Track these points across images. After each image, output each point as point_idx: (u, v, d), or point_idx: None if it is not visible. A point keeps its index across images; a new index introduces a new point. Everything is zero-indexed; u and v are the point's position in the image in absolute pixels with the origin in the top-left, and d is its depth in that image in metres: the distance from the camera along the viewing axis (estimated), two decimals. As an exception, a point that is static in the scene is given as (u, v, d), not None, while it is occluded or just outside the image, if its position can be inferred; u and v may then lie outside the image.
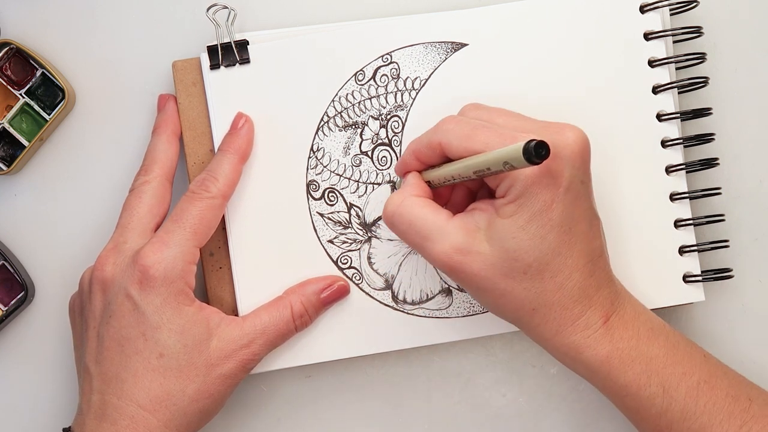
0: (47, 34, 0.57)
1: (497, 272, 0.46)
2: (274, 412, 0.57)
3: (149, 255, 0.49)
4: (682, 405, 0.47)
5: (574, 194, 0.45)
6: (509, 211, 0.45)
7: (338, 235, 0.54)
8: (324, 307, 0.53)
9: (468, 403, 0.57)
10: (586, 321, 0.47)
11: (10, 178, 0.57)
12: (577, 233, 0.46)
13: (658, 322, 0.49)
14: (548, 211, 0.45)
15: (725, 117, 0.57)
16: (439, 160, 0.48)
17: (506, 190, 0.45)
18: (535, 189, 0.45)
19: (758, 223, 0.57)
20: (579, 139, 0.46)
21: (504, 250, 0.45)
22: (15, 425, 0.57)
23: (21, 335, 0.57)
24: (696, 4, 0.54)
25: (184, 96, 0.54)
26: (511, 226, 0.45)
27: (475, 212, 0.47)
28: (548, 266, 0.45)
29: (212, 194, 0.51)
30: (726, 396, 0.47)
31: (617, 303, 0.48)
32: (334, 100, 0.54)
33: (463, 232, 0.46)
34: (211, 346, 0.50)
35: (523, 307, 0.46)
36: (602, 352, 0.47)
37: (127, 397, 0.48)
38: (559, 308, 0.46)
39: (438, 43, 0.54)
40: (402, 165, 0.51)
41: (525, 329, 0.48)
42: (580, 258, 0.46)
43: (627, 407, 0.48)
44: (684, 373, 0.47)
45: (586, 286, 0.46)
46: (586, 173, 0.47)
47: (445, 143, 0.47)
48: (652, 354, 0.47)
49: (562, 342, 0.47)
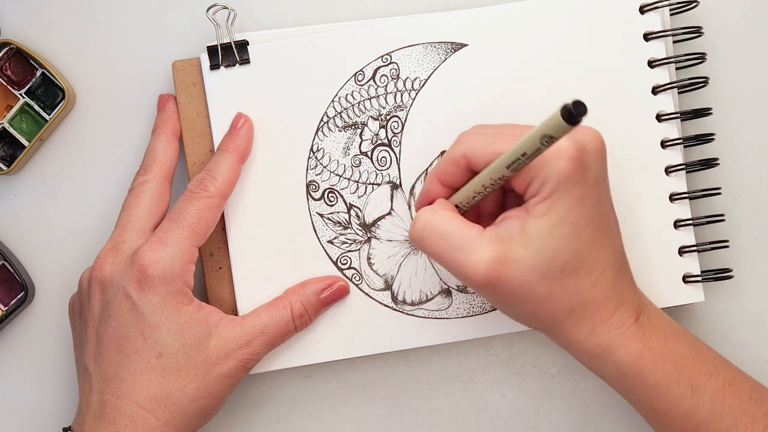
0: (47, 34, 0.57)
1: (535, 276, 0.45)
2: (274, 412, 0.57)
3: (147, 254, 0.49)
4: (709, 406, 0.47)
5: (600, 190, 0.45)
6: (543, 209, 0.44)
7: (338, 235, 0.54)
8: (324, 307, 0.53)
9: (468, 403, 0.57)
10: (619, 318, 0.46)
11: (10, 178, 0.57)
12: (605, 229, 0.46)
13: (680, 326, 0.49)
14: (581, 206, 0.44)
15: (725, 117, 0.57)
16: (464, 177, 0.48)
17: (539, 188, 0.45)
18: (569, 183, 0.44)
19: (758, 223, 0.57)
20: (598, 137, 0.46)
21: (542, 249, 0.44)
22: (15, 425, 0.57)
23: (21, 335, 0.57)
24: (696, 4, 0.54)
25: (183, 96, 0.54)
26: (547, 224, 0.44)
27: (506, 221, 0.46)
28: (584, 263, 0.45)
29: (210, 193, 0.51)
30: (750, 399, 0.47)
31: (643, 303, 0.48)
32: (334, 101, 0.54)
33: (498, 242, 0.45)
34: (211, 345, 0.50)
35: (561, 308, 0.46)
36: (634, 351, 0.46)
37: (126, 396, 0.49)
38: (594, 306, 0.46)
39: (438, 43, 0.54)
40: (424, 195, 0.50)
41: (558, 334, 0.47)
42: (610, 254, 0.46)
43: (654, 409, 0.48)
44: (710, 373, 0.47)
45: (618, 283, 0.46)
46: (606, 171, 0.47)
47: (468, 153, 0.46)
48: (680, 353, 0.47)
49: (596, 342, 0.46)
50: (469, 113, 0.54)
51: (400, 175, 0.54)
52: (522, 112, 0.53)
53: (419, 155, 0.54)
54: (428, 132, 0.54)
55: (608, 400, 0.57)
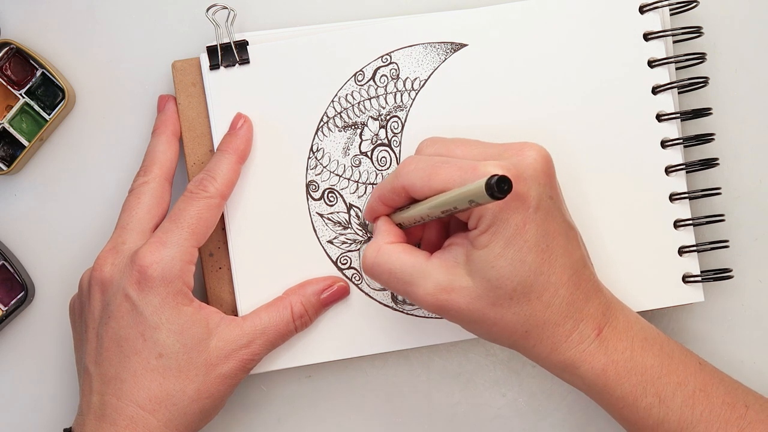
0: (47, 34, 0.57)
1: (484, 303, 0.46)
2: (274, 412, 0.57)
3: (147, 255, 0.49)
4: (678, 415, 0.47)
5: (545, 212, 0.45)
6: (484, 241, 0.45)
7: (338, 235, 0.54)
8: (324, 307, 0.53)
9: (468, 403, 0.57)
10: (579, 335, 0.46)
11: (10, 178, 0.57)
12: (555, 249, 0.46)
13: (652, 331, 0.49)
14: (522, 234, 0.45)
15: (725, 117, 0.57)
16: (406, 201, 0.49)
17: (477, 221, 0.45)
18: (505, 215, 0.44)
19: (758, 223, 0.57)
20: (540, 157, 0.46)
21: (486, 280, 0.45)
22: (15, 425, 0.57)
23: (21, 335, 0.57)
24: (696, 4, 0.54)
25: (183, 96, 0.54)
26: (488, 256, 0.45)
27: (452, 248, 0.47)
28: (533, 287, 0.45)
29: (210, 194, 0.51)
30: (722, 403, 0.47)
31: (609, 314, 0.48)
32: (334, 101, 0.54)
33: (444, 270, 0.46)
34: (211, 345, 0.50)
35: (516, 331, 0.46)
36: (598, 365, 0.47)
37: (126, 397, 0.49)
38: (551, 326, 0.46)
39: (437, 43, 0.54)
40: (369, 211, 0.51)
41: (522, 351, 0.48)
42: (563, 273, 0.46)
43: (624, 419, 0.48)
44: (679, 382, 0.47)
45: (574, 299, 0.46)
46: (554, 188, 0.47)
47: (408, 186, 0.47)
48: (647, 365, 0.47)
49: (558, 359, 0.47)
50: (469, 113, 0.54)
51: (400, 175, 0.54)
52: (522, 112, 0.54)
53: (419, 155, 0.54)
54: (428, 132, 0.53)
55: (608, 400, 0.57)
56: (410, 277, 0.47)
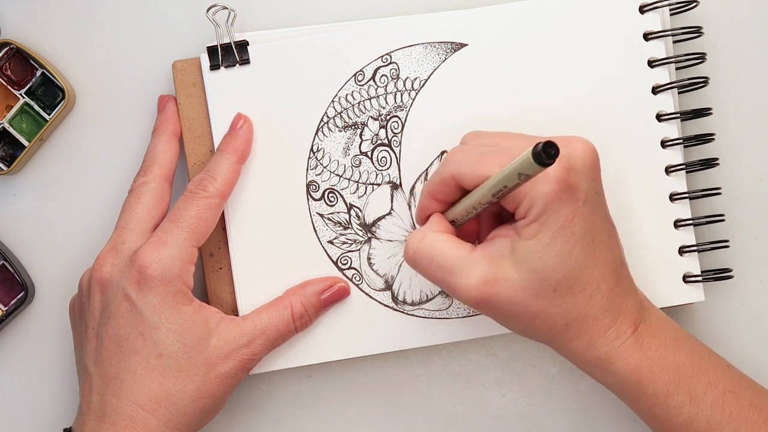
0: (47, 34, 0.57)
1: (527, 295, 0.45)
2: (274, 412, 0.57)
3: (146, 255, 0.49)
4: (708, 414, 0.47)
5: (592, 206, 0.45)
6: (532, 231, 0.45)
7: (338, 235, 0.54)
8: (324, 308, 0.53)
9: (468, 403, 0.57)
10: (616, 331, 0.46)
11: (10, 178, 0.57)
12: (599, 244, 0.46)
13: (682, 331, 0.49)
14: (571, 225, 0.44)
15: (725, 117, 0.57)
16: (456, 194, 0.48)
17: (527, 210, 0.45)
18: (556, 205, 0.44)
19: (758, 223, 0.57)
20: (589, 151, 0.46)
21: (532, 271, 0.45)
22: (15, 425, 0.57)
23: (21, 335, 0.57)
24: (696, 4, 0.54)
25: (183, 96, 0.54)
26: (536, 246, 0.45)
27: (496, 239, 0.46)
28: (577, 280, 0.45)
29: (210, 194, 0.51)
30: (750, 406, 0.47)
31: (643, 312, 0.48)
32: (334, 101, 0.54)
33: (488, 262, 0.46)
34: (211, 345, 0.50)
35: (556, 324, 0.46)
36: (632, 361, 0.46)
37: (126, 397, 0.49)
38: (591, 320, 0.46)
39: (437, 43, 0.54)
40: (421, 209, 0.50)
41: (557, 346, 0.48)
42: (605, 268, 0.46)
43: (654, 417, 0.48)
44: (710, 382, 0.47)
45: (614, 295, 0.46)
46: (599, 184, 0.47)
47: (457, 174, 0.46)
48: (679, 363, 0.47)
49: (594, 354, 0.47)
50: (469, 113, 0.54)
51: (400, 175, 0.54)
52: (522, 112, 0.54)
53: (419, 155, 0.54)
54: (428, 132, 0.54)
55: (608, 400, 0.57)
56: (452, 267, 0.46)
